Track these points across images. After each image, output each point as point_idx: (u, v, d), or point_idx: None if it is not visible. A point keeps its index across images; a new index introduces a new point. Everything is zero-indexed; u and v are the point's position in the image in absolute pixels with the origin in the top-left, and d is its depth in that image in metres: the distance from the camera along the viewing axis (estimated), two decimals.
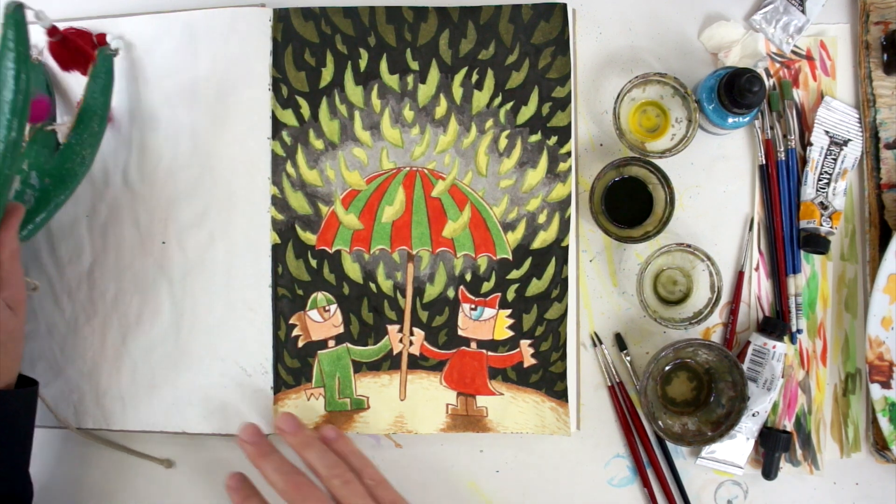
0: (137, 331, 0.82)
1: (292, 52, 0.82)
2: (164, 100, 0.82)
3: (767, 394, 0.79)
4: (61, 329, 0.83)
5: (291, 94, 0.82)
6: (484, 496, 0.83)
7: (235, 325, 0.81)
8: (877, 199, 0.81)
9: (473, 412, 0.81)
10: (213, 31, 0.82)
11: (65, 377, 0.83)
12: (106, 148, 0.83)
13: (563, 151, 0.82)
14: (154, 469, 0.84)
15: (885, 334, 0.77)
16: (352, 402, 0.81)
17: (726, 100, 0.76)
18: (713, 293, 0.78)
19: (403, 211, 0.82)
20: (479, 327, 0.82)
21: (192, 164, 0.82)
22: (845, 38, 0.83)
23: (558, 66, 0.82)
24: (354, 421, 0.81)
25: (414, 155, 0.82)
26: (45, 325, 0.83)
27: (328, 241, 0.82)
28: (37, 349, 0.83)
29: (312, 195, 0.82)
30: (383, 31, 0.82)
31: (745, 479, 0.81)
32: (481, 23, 0.82)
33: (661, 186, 0.79)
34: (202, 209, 0.82)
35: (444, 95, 0.82)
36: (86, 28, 0.82)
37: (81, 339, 0.83)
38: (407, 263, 0.82)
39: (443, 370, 0.81)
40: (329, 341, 0.82)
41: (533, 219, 0.82)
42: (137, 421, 0.82)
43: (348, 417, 0.81)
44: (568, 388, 0.81)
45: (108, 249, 0.83)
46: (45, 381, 0.83)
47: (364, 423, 0.81)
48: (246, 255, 0.82)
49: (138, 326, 0.82)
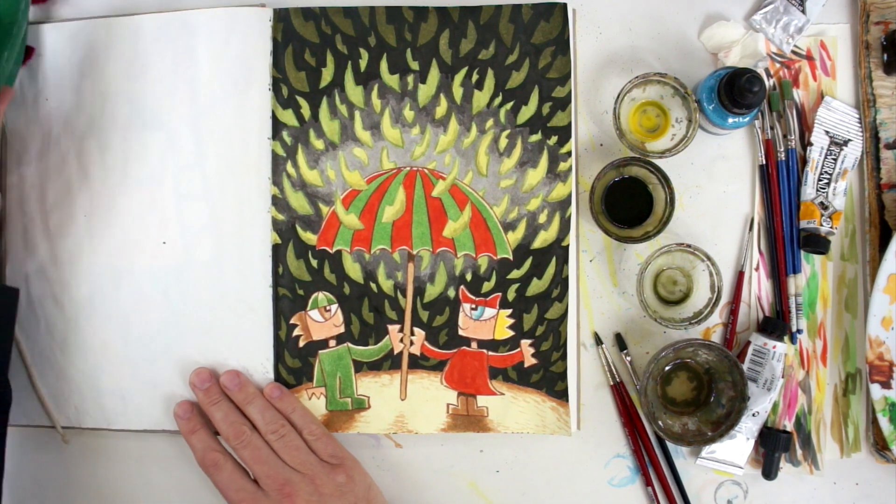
0: (138, 330, 0.82)
1: (292, 52, 0.82)
2: (165, 100, 0.82)
3: (767, 394, 0.79)
4: (61, 329, 0.83)
5: (292, 94, 0.82)
6: (484, 496, 0.83)
7: (236, 324, 0.81)
8: (877, 199, 0.81)
9: (474, 412, 0.81)
10: (213, 31, 0.82)
11: (65, 377, 0.83)
12: (104, 148, 0.83)
13: (563, 151, 0.82)
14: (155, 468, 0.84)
15: (886, 334, 0.78)
16: (353, 401, 0.81)
17: (726, 100, 0.76)
18: (713, 293, 0.78)
19: (404, 211, 0.82)
20: (479, 327, 0.82)
21: (193, 164, 0.82)
22: (845, 38, 0.83)
23: (558, 66, 0.82)
24: (355, 420, 0.81)
25: (414, 155, 0.82)
26: (45, 325, 0.83)
27: (329, 241, 0.82)
28: (37, 349, 0.83)
29: (313, 195, 0.82)
30: (383, 31, 0.82)
31: (745, 479, 0.82)
32: (481, 23, 0.82)
33: (661, 186, 0.79)
34: (202, 209, 0.82)
35: (444, 95, 0.82)
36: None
37: (81, 340, 0.83)
38: (407, 263, 0.82)
39: (443, 370, 0.81)
40: (330, 341, 0.82)
41: (533, 218, 0.82)
42: (139, 420, 0.82)
43: (349, 417, 0.81)
44: (568, 388, 0.81)
45: (107, 249, 0.83)
46: (46, 381, 0.83)
47: (365, 422, 0.81)
48: (246, 256, 0.82)
49: (139, 326, 0.82)
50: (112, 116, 0.83)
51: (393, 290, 0.82)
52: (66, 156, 0.83)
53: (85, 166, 0.83)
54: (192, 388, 0.80)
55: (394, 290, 0.82)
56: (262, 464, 0.76)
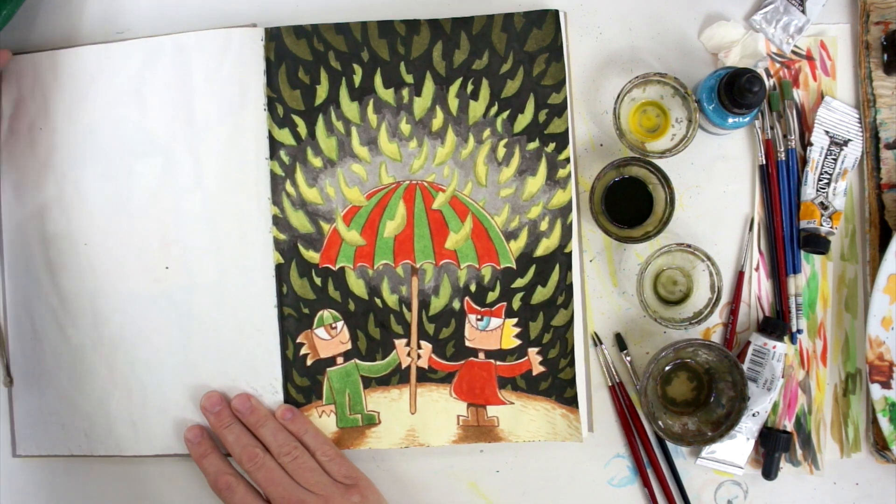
0: (145, 356, 0.83)
1: (286, 70, 0.81)
2: (161, 123, 0.82)
3: (767, 394, 0.80)
4: (67, 358, 0.83)
5: (287, 112, 0.81)
6: (484, 496, 0.84)
7: (243, 346, 0.82)
8: (877, 199, 0.81)
9: (485, 422, 0.82)
10: (206, 53, 0.81)
11: (74, 405, 0.83)
12: (102, 173, 0.82)
13: (561, 158, 0.82)
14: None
15: (886, 334, 0.78)
16: (363, 417, 0.83)
17: (726, 100, 0.76)
18: (713, 293, 0.79)
19: (405, 225, 0.82)
20: (486, 337, 0.83)
21: (192, 187, 0.82)
22: (845, 38, 0.82)
23: (553, 73, 0.81)
24: (367, 436, 0.82)
25: (413, 168, 0.82)
26: (52, 354, 0.83)
27: (331, 258, 0.82)
28: (44, 378, 0.84)
29: (313, 213, 0.82)
30: (376, 45, 0.81)
31: (745, 479, 0.83)
32: (474, 33, 0.81)
33: (661, 186, 0.79)
34: (204, 232, 0.82)
35: (440, 107, 0.82)
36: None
37: (89, 367, 0.83)
38: (411, 277, 0.82)
39: (452, 382, 0.82)
40: (337, 358, 0.83)
41: (535, 226, 0.82)
42: (150, 446, 0.83)
43: (360, 433, 0.82)
44: (578, 395, 0.82)
45: (109, 277, 0.83)
46: (54, 409, 0.83)
47: (376, 438, 0.82)
48: (250, 276, 0.82)
49: (146, 352, 0.83)
50: (108, 143, 0.82)
51: (398, 304, 0.82)
52: (62, 185, 0.83)
53: (83, 194, 0.83)
54: (203, 412, 0.81)
55: (399, 305, 0.82)
56: (276, 485, 0.77)
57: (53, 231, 0.83)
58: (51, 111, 0.83)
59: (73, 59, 0.83)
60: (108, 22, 0.84)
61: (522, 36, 0.81)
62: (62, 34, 0.84)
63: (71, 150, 0.83)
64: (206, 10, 0.84)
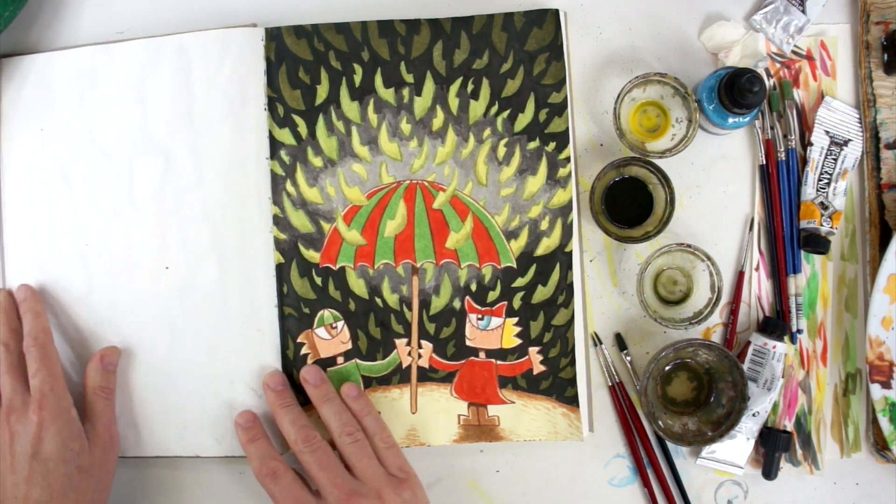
0: (145, 357, 0.82)
1: (286, 70, 0.81)
2: (162, 124, 0.82)
3: (767, 394, 0.80)
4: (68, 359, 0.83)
5: (287, 112, 0.81)
6: (484, 496, 0.84)
7: (244, 346, 0.82)
8: (877, 199, 0.81)
9: (485, 422, 0.82)
10: (207, 53, 0.81)
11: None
12: (103, 174, 0.82)
13: (562, 157, 0.82)
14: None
15: (886, 334, 0.79)
16: None
17: (726, 100, 0.76)
18: (713, 293, 0.79)
19: (405, 224, 0.82)
20: (486, 337, 0.83)
21: (192, 187, 0.82)
22: (845, 38, 0.82)
23: (553, 72, 0.81)
24: None
25: (413, 168, 0.82)
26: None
27: (332, 258, 0.82)
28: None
29: (314, 213, 0.82)
30: (376, 45, 0.81)
31: (745, 479, 0.83)
32: (474, 32, 0.81)
33: (662, 186, 0.79)
34: (204, 232, 0.82)
35: (440, 107, 0.82)
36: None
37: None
38: (411, 277, 0.82)
39: (453, 381, 0.83)
40: (338, 358, 0.83)
41: (535, 226, 0.82)
42: (152, 447, 0.83)
43: None
44: (578, 394, 0.82)
45: (109, 278, 0.83)
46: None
47: None
48: (250, 276, 0.82)
49: (146, 353, 0.82)
50: (109, 143, 0.82)
51: (398, 304, 0.82)
52: (64, 185, 0.83)
53: (84, 195, 0.82)
54: (264, 388, 0.80)
55: (399, 305, 0.82)
56: (327, 471, 0.74)
57: (54, 231, 0.83)
58: (52, 112, 0.82)
59: (73, 59, 0.83)
60: (108, 22, 0.84)
61: (523, 35, 0.81)
62: (62, 34, 0.84)
63: (72, 150, 0.83)
64: (206, 10, 0.84)
